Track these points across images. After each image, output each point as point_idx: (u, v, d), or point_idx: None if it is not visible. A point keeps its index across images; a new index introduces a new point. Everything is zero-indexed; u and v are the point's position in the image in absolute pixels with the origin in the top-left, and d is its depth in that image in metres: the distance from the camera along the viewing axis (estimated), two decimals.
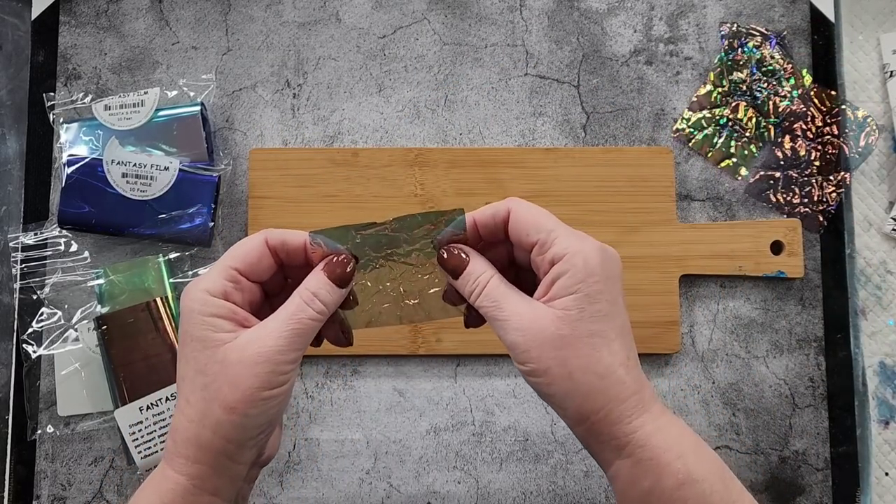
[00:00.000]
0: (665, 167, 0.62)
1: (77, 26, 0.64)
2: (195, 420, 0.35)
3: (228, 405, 0.35)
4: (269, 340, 0.35)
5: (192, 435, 0.35)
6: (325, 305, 0.36)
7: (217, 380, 0.35)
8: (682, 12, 0.65)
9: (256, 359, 0.35)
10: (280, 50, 0.64)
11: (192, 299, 0.36)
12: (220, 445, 0.35)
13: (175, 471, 0.36)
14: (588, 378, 0.35)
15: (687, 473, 0.35)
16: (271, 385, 0.35)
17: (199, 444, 0.35)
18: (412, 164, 0.61)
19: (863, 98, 0.64)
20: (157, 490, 0.36)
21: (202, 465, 0.36)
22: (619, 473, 0.36)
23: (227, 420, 0.35)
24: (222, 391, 0.35)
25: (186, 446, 0.36)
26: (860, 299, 0.62)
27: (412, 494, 0.60)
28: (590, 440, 0.37)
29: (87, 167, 0.58)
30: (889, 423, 0.61)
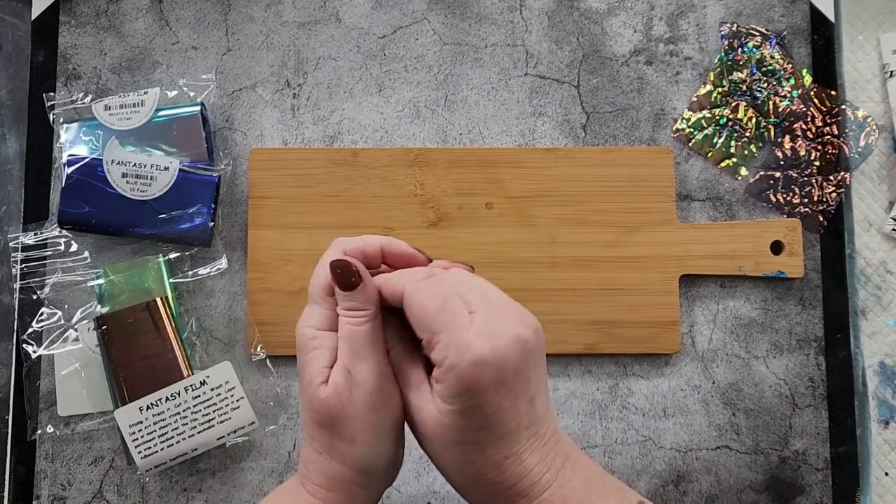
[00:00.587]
0: (665, 167, 0.62)
1: (77, 26, 0.64)
2: (323, 453, 0.37)
3: (347, 438, 0.36)
4: (341, 366, 0.36)
5: (322, 467, 0.37)
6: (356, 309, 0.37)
7: (327, 419, 0.36)
8: (682, 12, 0.65)
9: (345, 387, 0.36)
10: (280, 50, 0.64)
11: (302, 335, 0.38)
12: (351, 476, 0.37)
13: (309, 493, 0.37)
14: (460, 477, 0.36)
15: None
16: (375, 405, 0.36)
17: (331, 476, 0.37)
18: (412, 164, 0.61)
19: (863, 98, 0.64)
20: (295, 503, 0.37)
21: (335, 493, 0.37)
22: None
23: (352, 452, 0.36)
24: (336, 428, 0.36)
25: (318, 476, 0.37)
26: (860, 299, 0.62)
27: (412, 494, 0.60)
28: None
29: (87, 167, 0.58)
30: (889, 423, 0.61)
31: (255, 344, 0.59)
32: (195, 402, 0.56)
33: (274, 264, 0.60)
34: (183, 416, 0.55)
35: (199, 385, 0.56)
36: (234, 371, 0.57)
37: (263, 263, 0.60)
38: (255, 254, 0.60)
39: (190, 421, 0.56)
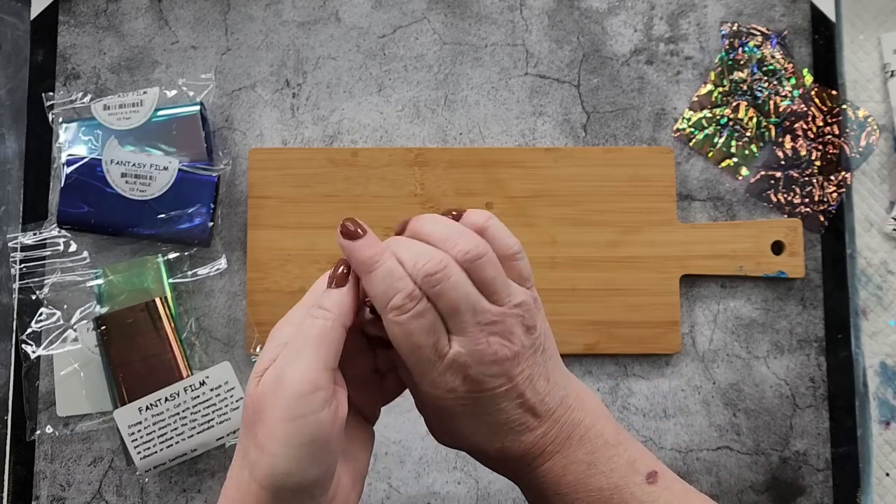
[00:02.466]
0: (665, 167, 0.62)
1: (76, 26, 0.64)
2: (239, 456, 0.34)
3: (261, 443, 0.32)
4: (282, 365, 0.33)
5: (236, 473, 0.34)
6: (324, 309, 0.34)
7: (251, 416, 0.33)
8: (683, 12, 0.65)
9: (272, 388, 0.32)
10: (280, 50, 0.64)
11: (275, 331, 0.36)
12: (255, 490, 0.32)
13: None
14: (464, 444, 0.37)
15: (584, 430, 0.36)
16: (292, 414, 0.31)
17: (239, 486, 0.33)
18: (412, 164, 0.61)
19: (864, 98, 0.64)
20: None
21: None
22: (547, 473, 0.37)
23: (261, 462, 0.32)
24: (254, 429, 0.33)
25: (232, 486, 0.34)
26: (861, 299, 0.62)
27: (412, 495, 0.60)
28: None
29: (86, 167, 0.58)
30: (890, 423, 0.61)
31: (254, 344, 0.59)
32: (194, 402, 0.56)
33: (273, 264, 0.60)
34: (182, 416, 0.55)
35: (198, 385, 0.56)
36: (233, 371, 0.57)
37: (263, 263, 0.60)
38: (255, 254, 0.60)
39: (189, 421, 0.55)
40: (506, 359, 0.34)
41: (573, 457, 0.36)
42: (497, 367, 0.34)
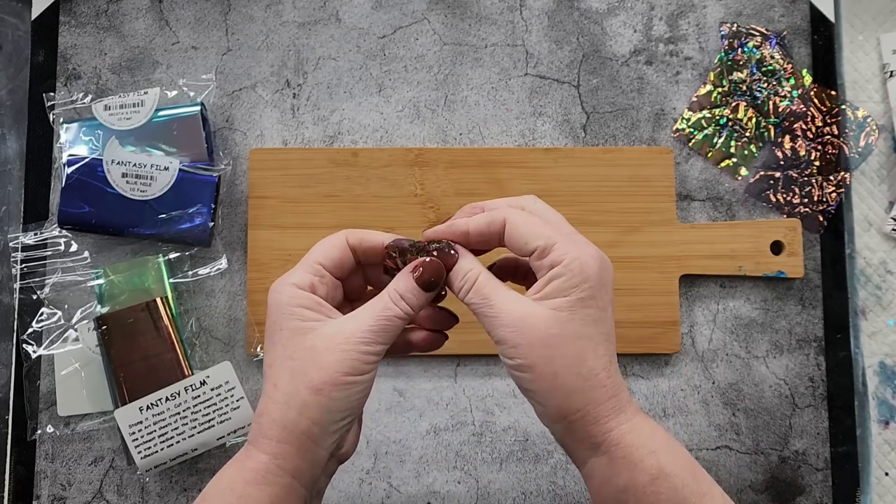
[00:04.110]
0: (665, 167, 0.62)
1: (77, 26, 0.64)
2: (281, 402, 0.37)
3: (315, 386, 0.36)
4: (357, 330, 0.37)
5: (277, 416, 0.37)
6: (410, 307, 0.38)
7: (305, 363, 0.37)
8: (682, 12, 0.65)
9: (344, 345, 0.37)
10: (280, 50, 0.64)
11: (281, 292, 0.38)
12: (305, 426, 0.37)
13: (259, 450, 0.37)
14: (571, 379, 0.36)
15: (659, 468, 0.36)
16: (356, 371, 0.37)
17: (284, 425, 0.37)
18: (412, 164, 0.61)
19: (863, 98, 0.64)
20: (240, 468, 0.37)
21: (286, 444, 0.37)
22: (593, 472, 0.37)
23: (313, 401, 0.36)
24: (309, 374, 0.36)
25: (271, 427, 0.37)
26: (860, 299, 0.62)
27: (412, 494, 0.60)
28: (566, 438, 0.38)
29: (87, 167, 0.58)
30: (889, 422, 0.61)
31: (254, 344, 0.59)
32: (195, 402, 0.56)
33: (274, 264, 0.60)
34: (183, 416, 0.55)
35: (199, 385, 0.56)
36: (234, 371, 0.57)
37: (263, 263, 0.60)
38: (255, 254, 0.60)
39: (190, 421, 0.56)
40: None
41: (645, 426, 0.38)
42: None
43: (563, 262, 0.36)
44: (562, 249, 0.37)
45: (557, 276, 0.36)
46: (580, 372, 0.36)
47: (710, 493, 0.37)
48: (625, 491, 0.36)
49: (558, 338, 0.36)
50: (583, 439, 0.37)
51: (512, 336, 0.36)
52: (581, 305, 0.36)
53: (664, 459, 0.36)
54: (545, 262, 0.37)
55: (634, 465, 0.36)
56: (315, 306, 0.38)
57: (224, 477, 0.38)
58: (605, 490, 0.37)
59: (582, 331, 0.36)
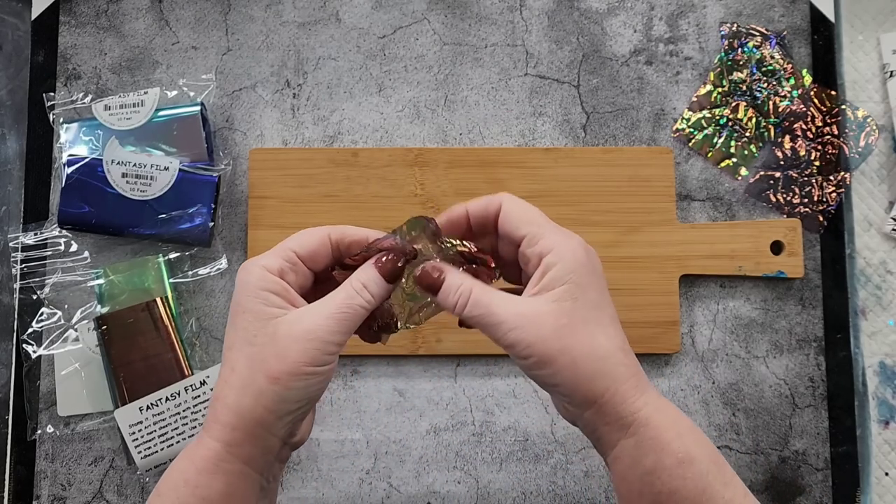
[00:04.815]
0: (665, 167, 0.62)
1: (77, 26, 0.64)
2: (237, 387, 0.37)
3: (273, 375, 0.36)
4: (319, 320, 0.37)
5: (232, 401, 0.37)
6: (373, 297, 0.38)
7: (264, 350, 0.36)
8: (682, 12, 0.65)
9: (306, 335, 0.36)
10: (280, 50, 0.64)
11: (249, 272, 0.38)
12: (259, 414, 0.36)
13: (211, 437, 0.37)
14: (591, 362, 0.36)
15: (686, 452, 0.36)
16: (316, 362, 0.36)
17: (238, 411, 0.37)
18: (412, 164, 0.61)
19: (863, 98, 0.64)
20: (192, 456, 0.37)
21: (238, 431, 0.37)
22: (622, 453, 0.37)
23: (270, 389, 0.36)
24: (268, 362, 0.36)
25: (225, 412, 0.37)
26: (860, 299, 0.62)
27: (412, 494, 0.60)
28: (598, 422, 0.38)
29: (87, 167, 0.58)
30: (889, 423, 0.61)
31: None
32: (195, 402, 0.56)
33: None
34: (183, 416, 0.55)
35: (199, 385, 0.56)
36: None
37: None
38: (255, 254, 0.60)
39: (190, 421, 0.56)
40: None
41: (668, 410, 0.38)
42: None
43: (552, 250, 0.37)
44: (551, 239, 0.37)
45: (551, 266, 0.37)
46: (598, 354, 0.36)
47: (733, 483, 0.37)
48: (651, 472, 0.36)
49: (569, 327, 0.36)
50: (614, 420, 0.37)
51: (523, 337, 0.36)
52: (581, 291, 0.36)
53: (691, 444, 0.36)
54: (534, 251, 0.37)
55: (662, 447, 0.36)
56: (282, 292, 0.38)
57: (175, 469, 0.38)
58: (632, 473, 0.37)
59: (589, 315, 0.36)
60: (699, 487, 0.35)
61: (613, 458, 0.38)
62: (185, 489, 0.36)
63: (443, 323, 0.59)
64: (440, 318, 0.41)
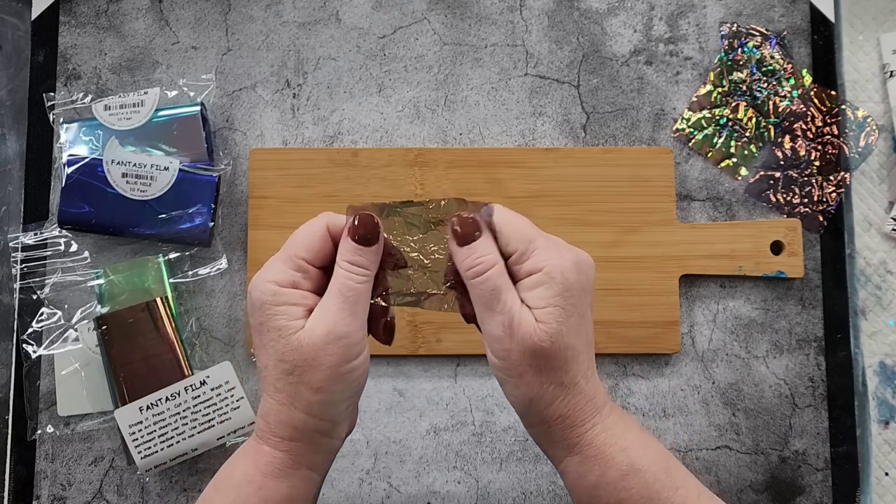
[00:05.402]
0: (665, 167, 0.62)
1: (77, 26, 0.64)
2: (286, 404, 0.37)
3: (314, 386, 0.36)
4: (331, 317, 0.36)
5: (285, 417, 0.37)
6: (362, 267, 0.37)
7: (298, 365, 0.36)
8: (682, 12, 0.65)
9: (327, 338, 0.36)
10: (280, 50, 0.64)
11: (263, 292, 0.37)
12: (314, 424, 0.37)
13: (271, 447, 0.38)
14: (554, 389, 0.37)
15: (629, 465, 0.37)
16: (348, 358, 0.36)
17: (294, 425, 0.37)
18: (412, 164, 0.61)
19: (863, 98, 0.64)
20: (255, 462, 0.38)
21: (299, 442, 0.37)
22: (567, 469, 0.38)
23: (317, 400, 0.37)
24: (306, 374, 0.36)
25: (281, 428, 0.37)
26: (860, 299, 0.62)
27: (412, 494, 0.60)
28: (543, 440, 0.39)
29: (87, 167, 0.58)
30: (889, 423, 0.61)
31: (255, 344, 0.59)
32: (195, 402, 0.56)
33: None
34: (183, 416, 0.55)
35: (199, 385, 0.56)
36: (234, 371, 0.57)
37: (263, 263, 0.60)
38: (255, 254, 0.60)
39: (190, 421, 0.56)
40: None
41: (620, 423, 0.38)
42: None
43: (543, 269, 0.36)
44: (542, 256, 0.37)
45: (539, 285, 0.36)
46: (563, 382, 0.37)
47: (685, 486, 0.38)
48: (596, 487, 0.37)
49: (549, 351, 0.36)
50: (558, 442, 0.38)
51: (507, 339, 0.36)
52: (566, 315, 0.36)
53: (635, 455, 0.37)
54: (524, 268, 0.37)
55: (605, 463, 0.37)
56: (300, 301, 0.37)
57: (238, 469, 0.38)
58: (579, 487, 0.38)
59: (568, 342, 0.36)
60: (646, 496, 0.36)
61: (561, 472, 0.39)
62: (249, 488, 0.37)
63: (442, 323, 0.59)
64: (440, 317, 0.41)
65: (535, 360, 0.36)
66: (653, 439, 0.39)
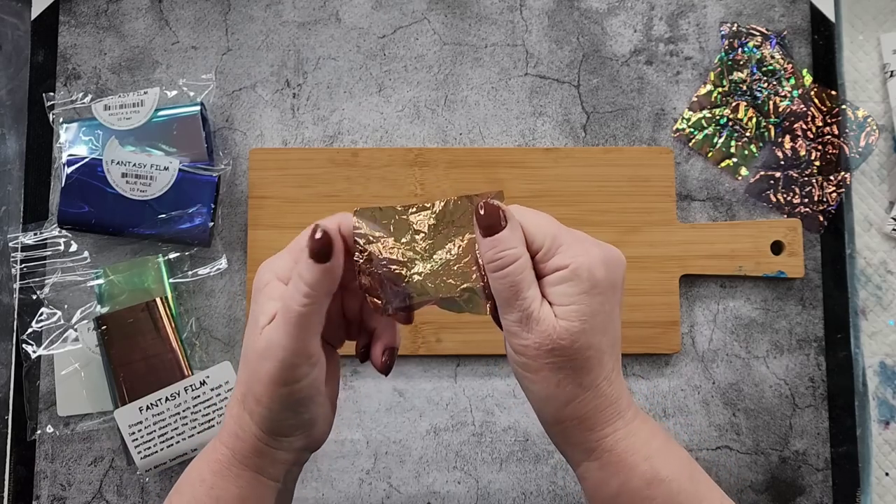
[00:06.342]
0: (665, 167, 0.62)
1: (77, 26, 0.64)
2: (239, 400, 0.37)
3: (256, 396, 0.36)
4: (272, 333, 0.35)
5: (236, 413, 0.37)
6: (309, 287, 0.34)
7: (249, 367, 0.36)
8: (683, 12, 0.65)
9: (264, 353, 0.35)
10: (280, 50, 0.64)
11: (259, 279, 0.36)
12: (255, 431, 0.36)
13: (222, 443, 0.37)
14: (573, 388, 0.35)
15: (654, 473, 0.35)
16: (284, 380, 0.35)
17: (241, 425, 0.37)
18: (412, 164, 0.61)
19: (863, 98, 0.64)
20: (208, 460, 0.37)
21: (243, 443, 0.37)
22: (587, 474, 0.37)
23: (257, 410, 0.36)
24: (251, 383, 0.36)
25: (232, 423, 0.37)
26: (860, 299, 0.62)
27: (412, 494, 0.60)
28: (560, 441, 0.38)
29: (86, 167, 0.58)
30: (889, 423, 0.61)
31: None
32: (195, 402, 0.56)
33: None
34: (183, 416, 0.55)
35: (198, 385, 0.56)
36: (233, 371, 0.57)
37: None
38: (255, 254, 0.60)
39: (190, 421, 0.56)
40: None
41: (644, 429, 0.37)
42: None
43: (569, 266, 0.35)
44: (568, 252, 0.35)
45: (564, 281, 0.35)
46: (582, 382, 0.35)
47: (709, 498, 0.36)
48: (618, 495, 0.36)
49: (569, 349, 0.35)
50: (576, 444, 0.37)
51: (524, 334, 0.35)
52: (591, 314, 0.35)
53: (660, 464, 0.36)
54: (550, 265, 0.35)
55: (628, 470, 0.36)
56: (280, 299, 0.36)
57: (194, 468, 0.38)
58: (600, 493, 0.37)
59: (591, 341, 0.35)
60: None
61: (580, 476, 0.38)
62: (201, 488, 0.37)
63: (443, 323, 0.59)
64: (440, 317, 0.41)
65: (553, 357, 0.35)
66: (677, 447, 0.38)
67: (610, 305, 0.36)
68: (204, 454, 0.38)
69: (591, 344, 0.35)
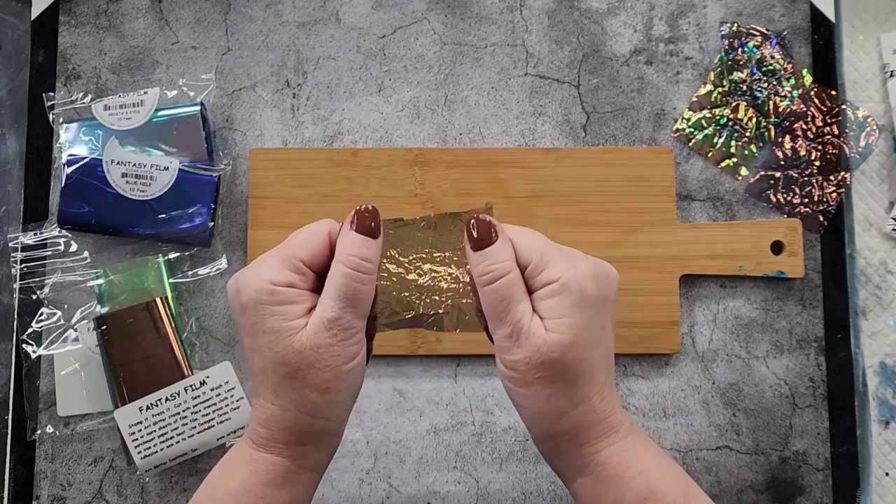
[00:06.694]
0: (665, 167, 0.62)
1: (77, 26, 0.64)
2: (290, 409, 0.36)
3: (321, 387, 0.36)
4: (329, 317, 0.35)
5: (290, 423, 0.37)
6: (364, 260, 0.36)
7: (302, 368, 0.35)
8: (683, 12, 0.65)
9: (329, 339, 0.35)
10: (280, 50, 0.64)
11: (257, 290, 0.36)
12: (322, 425, 0.37)
13: (274, 454, 0.37)
14: (564, 402, 0.36)
15: (648, 488, 0.35)
16: (350, 357, 0.36)
17: (300, 430, 0.37)
18: (412, 164, 0.61)
19: (863, 98, 0.64)
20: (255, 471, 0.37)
21: (306, 446, 0.37)
22: (580, 490, 0.37)
23: (324, 400, 0.36)
24: (310, 377, 0.35)
25: (285, 433, 0.37)
26: (860, 299, 0.62)
27: (412, 495, 0.60)
28: (552, 457, 0.38)
29: (86, 167, 0.58)
30: (889, 423, 0.61)
31: None
32: (195, 402, 0.56)
33: None
34: (183, 416, 0.55)
35: (198, 385, 0.56)
36: (233, 371, 0.57)
37: None
38: (255, 254, 0.60)
39: (190, 421, 0.56)
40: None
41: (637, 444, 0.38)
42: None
43: (559, 280, 0.35)
44: (558, 266, 0.35)
45: (554, 295, 0.35)
46: (573, 396, 0.35)
47: None
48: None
49: (559, 363, 0.35)
50: (569, 459, 0.37)
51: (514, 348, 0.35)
52: (582, 328, 0.35)
53: (654, 479, 0.36)
54: (539, 280, 0.36)
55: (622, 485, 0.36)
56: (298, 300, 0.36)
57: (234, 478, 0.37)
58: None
59: (582, 354, 0.35)
60: None
61: (574, 493, 0.38)
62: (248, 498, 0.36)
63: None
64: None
65: (544, 371, 0.35)
66: (671, 461, 0.38)
67: (601, 319, 0.36)
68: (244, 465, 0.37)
69: (582, 357, 0.35)
